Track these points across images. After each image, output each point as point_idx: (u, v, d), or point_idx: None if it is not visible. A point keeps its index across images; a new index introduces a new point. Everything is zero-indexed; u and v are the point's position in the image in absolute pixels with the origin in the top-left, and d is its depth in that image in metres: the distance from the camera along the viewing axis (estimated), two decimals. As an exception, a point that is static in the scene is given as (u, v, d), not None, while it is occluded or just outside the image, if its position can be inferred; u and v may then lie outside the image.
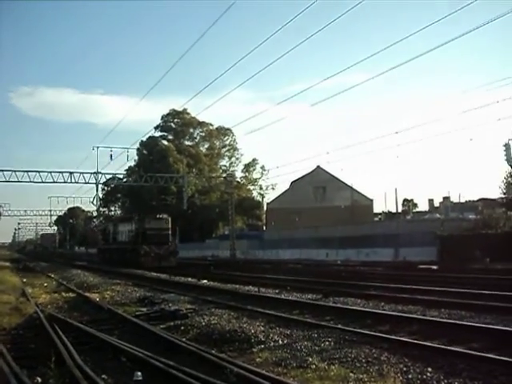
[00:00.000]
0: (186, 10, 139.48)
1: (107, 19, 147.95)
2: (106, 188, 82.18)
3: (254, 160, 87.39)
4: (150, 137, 76.13)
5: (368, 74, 41.54)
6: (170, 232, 42.63)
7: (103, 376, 7.64)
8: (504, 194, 53.16)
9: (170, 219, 42.82)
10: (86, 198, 70.02)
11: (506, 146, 29.09)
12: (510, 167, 31.26)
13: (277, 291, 18.72)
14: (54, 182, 46.99)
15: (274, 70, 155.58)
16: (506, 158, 29.36)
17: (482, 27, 21.55)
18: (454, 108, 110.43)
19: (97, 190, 51.30)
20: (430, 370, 7.48)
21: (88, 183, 48.98)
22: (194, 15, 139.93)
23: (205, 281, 24.49)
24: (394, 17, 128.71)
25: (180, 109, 76.62)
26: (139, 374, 7.42)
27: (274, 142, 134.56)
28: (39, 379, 7.55)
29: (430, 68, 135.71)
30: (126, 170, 70.06)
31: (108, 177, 53.97)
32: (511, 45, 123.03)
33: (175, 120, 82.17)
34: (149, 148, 74.35)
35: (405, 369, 7.58)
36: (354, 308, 13.65)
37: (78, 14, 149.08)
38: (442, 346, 8.92)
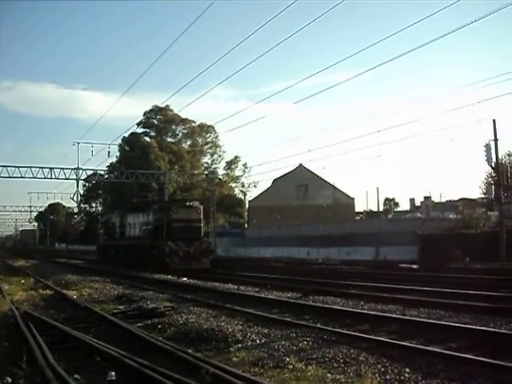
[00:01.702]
0: (168, 7, 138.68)
1: (89, 15, 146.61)
2: (87, 184, 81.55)
3: (236, 157, 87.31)
4: (132, 133, 75.69)
5: (350, 72, 41.70)
6: (202, 224, 32.87)
7: (76, 376, 7.50)
8: (484, 194, 53.65)
9: (201, 208, 33.11)
10: (67, 194, 69.32)
11: (487, 146, 29.22)
12: (490, 168, 31.34)
13: (257, 289, 18.59)
14: (33, 178, 46.55)
15: (257, 68, 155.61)
16: (486, 158, 29.48)
17: (465, 27, 21.51)
18: (435, 108, 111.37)
19: (77, 186, 50.76)
20: (407, 370, 7.42)
21: (68, 179, 48.58)
22: (177, 12, 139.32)
23: (184, 278, 24.33)
24: (376, 16, 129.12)
25: (162, 105, 76.28)
26: (113, 373, 7.23)
27: (257, 139, 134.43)
28: (9, 379, 7.37)
29: (413, 67, 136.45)
30: (108, 167, 69.57)
31: (89, 173, 53.60)
32: (496, 45, 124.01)
33: (158, 116, 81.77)
34: (131, 144, 73.82)
35: (383, 369, 7.52)
36: (334, 307, 13.58)
37: (59, 9, 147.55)
38: (420, 346, 8.88)
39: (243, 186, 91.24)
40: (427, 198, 71.88)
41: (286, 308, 13.94)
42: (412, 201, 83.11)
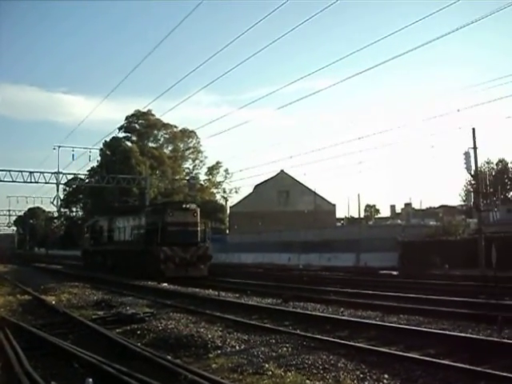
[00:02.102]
0: (150, 12, 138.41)
1: (71, 18, 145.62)
2: (67, 188, 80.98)
3: (217, 163, 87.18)
4: (113, 137, 75.24)
5: (333, 78, 41.92)
6: (199, 228, 29.89)
7: (53, 383, 7.40)
8: (464, 201, 54.16)
9: (198, 211, 30.42)
10: (47, 199, 68.69)
11: (466, 154, 29.52)
12: (469, 175, 31.67)
13: (237, 295, 18.57)
14: (12, 182, 46.20)
15: (240, 74, 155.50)
16: (465, 166, 29.78)
17: (453, 32, 21.73)
18: (417, 115, 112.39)
19: (57, 191, 50.46)
20: (386, 376, 7.45)
21: (48, 183, 48.31)
22: (159, 17, 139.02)
23: (165, 284, 24.20)
24: (358, 23, 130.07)
25: (144, 110, 76.02)
26: (90, 380, 7.15)
27: (239, 145, 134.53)
28: (-17, 387, 7.26)
29: (394, 74, 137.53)
30: (89, 171, 69.15)
31: (69, 177, 53.27)
32: (482, 50, 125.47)
33: (139, 121, 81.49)
34: (112, 149, 73.44)
35: (361, 375, 7.53)
36: (314, 313, 13.59)
37: (39, 10, 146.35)
38: (399, 353, 8.92)
39: (224, 191, 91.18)
40: (408, 205, 72.48)
41: (266, 314, 13.93)
42: (393, 207, 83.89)
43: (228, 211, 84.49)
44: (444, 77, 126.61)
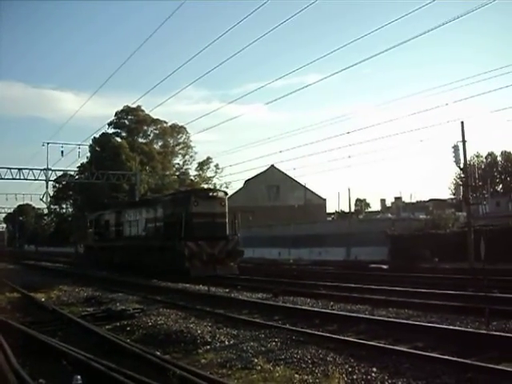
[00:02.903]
0: (139, 6, 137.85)
1: (58, 13, 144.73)
2: (57, 185, 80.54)
3: (208, 158, 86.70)
4: (102, 133, 74.74)
5: (322, 73, 41.88)
6: (227, 219, 26.47)
7: (41, 381, 7.39)
8: (453, 194, 54.35)
9: (226, 199, 26.98)
10: (37, 195, 68.51)
11: (455, 147, 29.59)
12: (458, 169, 31.76)
13: (227, 290, 18.59)
14: (1, 179, 45.81)
15: (230, 69, 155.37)
16: (454, 159, 29.86)
17: (437, 28, 21.79)
18: (406, 109, 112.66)
19: (47, 187, 50.09)
20: (374, 370, 7.49)
21: (38, 180, 47.90)
22: (148, 12, 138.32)
23: (154, 280, 24.12)
24: (347, 17, 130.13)
25: (134, 105, 75.64)
26: (79, 377, 7.14)
27: (229, 140, 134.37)
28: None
29: (385, 68, 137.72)
30: (79, 167, 68.81)
31: (59, 174, 53.01)
32: (464, 47, 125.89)
33: (129, 117, 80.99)
34: (101, 145, 72.97)
35: (350, 369, 7.56)
36: (303, 308, 13.63)
37: (28, 6, 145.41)
38: (388, 346, 8.96)
39: (215, 186, 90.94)
40: (398, 199, 72.77)
41: (256, 309, 13.96)
42: (383, 201, 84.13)
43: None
44: (433, 71, 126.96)
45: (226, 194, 27.39)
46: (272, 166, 71.94)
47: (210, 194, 26.77)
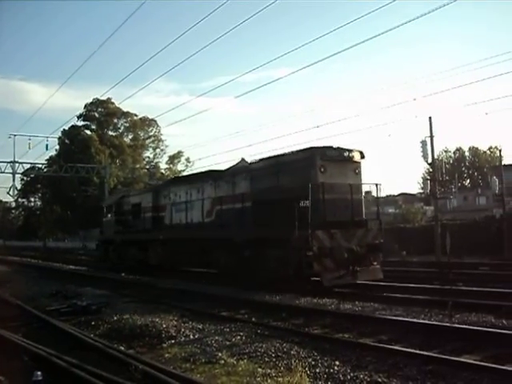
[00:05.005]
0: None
1: (26, 4, 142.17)
2: (25, 178, 79.38)
3: (179, 152, 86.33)
4: (72, 126, 73.87)
5: (291, 67, 41.92)
6: (363, 196, 17.82)
7: (0, 377, 7.25)
8: (422, 189, 54.97)
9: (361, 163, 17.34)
10: (4, 189, 67.47)
11: (423, 142, 29.88)
12: (426, 164, 32.13)
13: (196, 285, 18.51)
14: (-34, 172, 45.07)
15: (200, 61, 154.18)
16: (422, 154, 30.16)
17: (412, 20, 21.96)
18: (374, 103, 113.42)
19: (13, 180, 49.34)
20: (337, 363, 7.53)
21: (4, 173, 47.18)
22: (118, 2, 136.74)
23: (123, 274, 23.94)
24: (317, 11, 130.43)
25: (104, 98, 74.87)
26: (39, 373, 7.04)
27: (200, 133, 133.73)
28: None
29: (354, 62, 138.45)
30: (47, 160, 67.98)
31: (26, 166, 52.25)
32: (438, 41, 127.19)
33: (99, 109, 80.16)
34: (70, 137, 72.08)
35: (313, 363, 7.59)
36: (270, 301, 13.64)
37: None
38: (351, 339, 9.03)
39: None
40: (368, 193, 73.03)
41: (223, 303, 13.91)
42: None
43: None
44: (401, 66, 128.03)
45: (362, 155, 17.41)
46: (242, 159, 71.91)
47: (345, 154, 16.83)
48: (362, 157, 17.31)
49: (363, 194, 17.64)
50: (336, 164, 16.36)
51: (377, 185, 17.87)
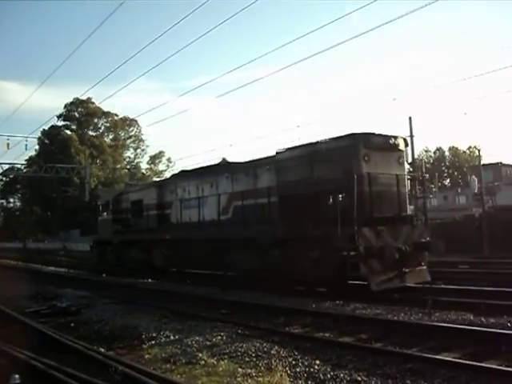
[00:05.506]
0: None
1: (5, 2, 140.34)
2: (4, 179, 78.64)
3: (160, 152, 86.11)
4: (51, 126, 73.41)
5: (272, 67, 41.96)
6: (407, 189, 15.78)
7: (-24, 381, 7.16)
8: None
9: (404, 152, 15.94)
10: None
11: (403, 142, 30.08)
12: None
13: (177, 285, 18.46)
14: None
15: (181, 61, 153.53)
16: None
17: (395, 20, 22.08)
18: (355, 103, 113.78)
19: (-9, 181, 48.83)
20: (318, 362, 7.54)
21: (-18, 173, 46.67)
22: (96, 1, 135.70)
23: (104, 275, 23.80)
24: (300, 9, 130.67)
25: (84, 97, 74.40)
26: (16, 376, 6.96)
27: (181, 133, 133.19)
28: None
29: (333, 63, 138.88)
30: (27, 160, 67.42)
31: (5, 167, 51.79)
32: (419, 40, 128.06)
33: (79, 109, 79.66)
34: (50, 137, 71.61)
35: (294, 362, 7.60)
36: (250, 302, 13.62)
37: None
38: (332, 339, 9.06)
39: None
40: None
41: (204, 303, 13.88)
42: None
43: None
44: (382, 65, 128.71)
45: (406, 142, 16.17)
46: (223, 159, 71.82)
47: (391, 141, 15.10)
48: (406, 145, 16.11)
49: (407, 186, 15.76)
50: (380, 152, 14.66)
51: (423, 176, 16.90)
